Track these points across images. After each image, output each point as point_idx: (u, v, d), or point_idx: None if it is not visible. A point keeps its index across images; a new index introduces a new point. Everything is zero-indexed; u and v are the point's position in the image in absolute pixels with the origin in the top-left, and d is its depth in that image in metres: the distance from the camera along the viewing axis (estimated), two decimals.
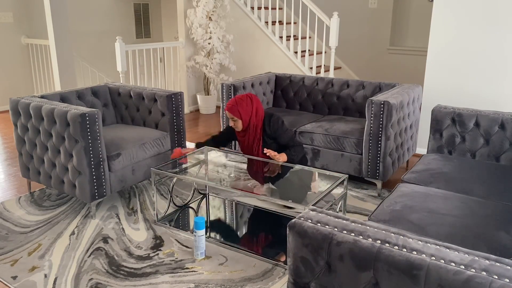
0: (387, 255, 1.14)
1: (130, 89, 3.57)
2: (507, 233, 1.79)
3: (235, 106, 2.88)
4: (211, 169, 3.01)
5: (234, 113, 2.88)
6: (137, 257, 2.47)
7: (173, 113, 3.37)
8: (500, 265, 1.06)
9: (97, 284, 2.22)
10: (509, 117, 2.64)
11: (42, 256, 2.47)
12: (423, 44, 5.69)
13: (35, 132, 2.98)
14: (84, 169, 2.76)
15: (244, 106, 2.88)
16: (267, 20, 5.49)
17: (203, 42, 5.56)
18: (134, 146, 3.09)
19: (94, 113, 2.73)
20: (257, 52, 5.58)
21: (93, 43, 6.70)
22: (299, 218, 1.33)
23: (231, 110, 2.88)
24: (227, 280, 2.25)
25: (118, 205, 3.12)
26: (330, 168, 3.37)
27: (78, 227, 2.80)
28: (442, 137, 2.82)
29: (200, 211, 3.06)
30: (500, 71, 3.57)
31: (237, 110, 2.88)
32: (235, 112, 2.88)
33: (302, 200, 2.49)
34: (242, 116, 2.88)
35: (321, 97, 4.06)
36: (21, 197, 3.25)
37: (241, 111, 2.88)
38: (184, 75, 5.83)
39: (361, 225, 1.27)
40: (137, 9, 7.33)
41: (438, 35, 3.78)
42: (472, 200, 2.10)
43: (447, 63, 3.79)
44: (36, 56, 6.09)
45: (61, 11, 5.23)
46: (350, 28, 6.10)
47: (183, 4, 5.61)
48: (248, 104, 2.90)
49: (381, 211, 2.01)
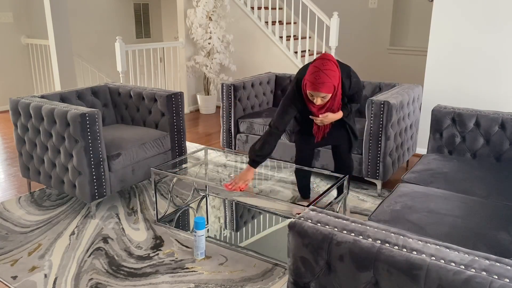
0: (387, 255, 1.14)
1: (130, 89, 3.57)
2: (507, 233, 1.79)
3: (329, 80, 2.26)
4: (211, 169, 3.00)
5: (329, 91, 2.29)
6: (137, 257, 2.47)
7: (173, 113, 3.37)
8: (500, 265, 1.06)
9: (97, 284, 2.22)
10: (509, 117, 2.64)
11: (42, 256, 2.47)
12: (423, 44, 5.69)
13: (35, 132, 2.98)
14: (84, 169, 2.76)
15: (332, 75, 2.28)
16: (267, 20, 5.49)
17: (203, 42, 5.56)
18: (134, 146, 3.09)
19: (94, 113, 2.73)
20: (257, 52, 5.58)
21: (93, 43, 6.70)
22: (299, 218, 1.33)
23: (325, 89, 2.27)
24: (227, 280, 2.25)
25: (118, 205, 3.12)
26: (330, 168, 3.37)
27: (78, 227, 2.80)
28: (442, 137, 2.82)
29: (200, 211, 3.06)
30: (500, 71, 3.57)
31: (332, 85, 2.29)
32: (330, 88, 2.29)
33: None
34: (335, 85, 2.31)
35: None
36: (21, 197, 3.25)
37: (334, 83, 2.30)
38: (184, 75, 5.83)
39: (361, 225, 1.27)
40: (137, 9, 7.33)
41: (438, 35, 3.77)
42: (472, 200, 2.10)
43: (447, 63, 3.79)
44: (36, 56, 6.09)
45: (61, 11, 5.22)
46: (350, 28, 6.10)
47: (183, 4, 5.61)
48: (335, 70, 2.30)
49: (381, 211, 2.01)
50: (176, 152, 3.45)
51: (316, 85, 2.26)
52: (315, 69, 2.27)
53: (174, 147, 3.43)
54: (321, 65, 2.26)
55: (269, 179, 3.26)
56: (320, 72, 2.25)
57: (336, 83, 2.30)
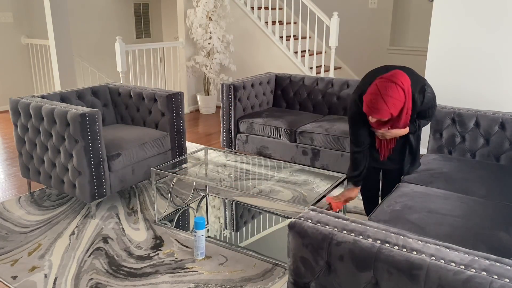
0: (387, 255, 1.14)
1: (130, 89, 3.57)
2: (507, 233, 1.79)
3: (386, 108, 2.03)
4: (211, 169, 3.00)
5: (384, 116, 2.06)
6: (137, 257, 2.47)
7: (173, 113, 3.37)
8: (500, 265, 1.06)
9: (97, 284, 2.22)
10: (509, 117, 2.64)
11: (42, 256, 2.47)
12: (423, 44, 5.69)
13: (35, 132, 2.98)
14: (84, 169, 2.76)
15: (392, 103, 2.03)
16: (267, 20, 5.49)
17: (203, 42, 5.56)
18: (134, 146, 3.09)
19: (94, 113, 2.73)
20: (257, 52, 5.58)
21: (93, 43, 6.71)
22: (299, 218, 1.33)
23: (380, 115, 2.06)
24: (227, 280, 2.25)
25: (118, 205, 3.12)
26: (330, 168, 3.37)
27: (78, 227, 2.80)
28: (442, 137, 2.82)
29: (200, 211, 3.06)
30: (500, 71, 3.57)
31: (389, 113, 2.05)
32: (385, 115, 2.06)
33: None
34: (393, 114, 2.07)
35: (321, 97, 4.06)
36: (21, 197, 3.25)
37: (393, 111, 2.06)
38: (184, 75, 5.83)
39: (361, 225, 1.27)
40: (137, 9, 7.33)
41: (438, 35, 3.78)
42: (472, 200, 2.10)
43: (447, 63, 3.79)
44: (36, 56, 6.09)
45: (61, 11, 5.22)
46: (350, 28, 6.11)
47: (183, 4, 5.61)
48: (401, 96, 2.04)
49: (381, 211, 2.01)
50: (176, 152, 3.45)
51: (370, 109, 2.05)
52: (375, 90, 2.04)
53: (174, 147, 3.43)
54: (383, 89, 2.02)
55: (269, 179, 3.27)
56: (378, 97, 2.02)
57: (396, 111, 2.06)
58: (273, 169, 3.14)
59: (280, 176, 3.24)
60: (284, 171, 3.17)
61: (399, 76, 2.05)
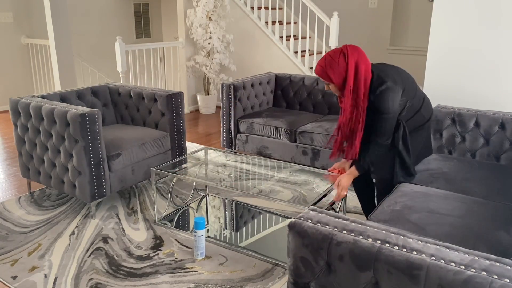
0: (387, 255, 1.14)
1: (130, 89, 3.57)
2: (507, 233, 1.79)
3: (323, 67, 2.15)
4: (211, 169, 3.00)
5: (323, 76, 2.18)
6: (137, 257, 2.47)
7: (173, 113, 3.37)
8: (500, 265, 1.06)
9: (97, 284, 2.22)
10: (509, 117, 2.64)
11: (42, 256, 2.47)
12: (423, 44, 5.69)
13: (35, 132, 2.98)
14: (84, 169, 2.76)
15: (335, 64, 2.12)
16: (267, 20, 5.49)
17: (203, 42, 5.56)
18: (134, 146, 3.09)
19: (94, 113, 2.73)
20: (257, 52, 5.58)
21: (93, 43, 6.71)
22: (299, 218, 1.33)
23: (319, 72, 2.18)
24: (227, 280, 2.25)
25: (118, 205, 3.12)
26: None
27: (78, 227, 2.80)
28: (442, 137, 2.82)
29: (200, 211, 3.06)
30: (500, 71, 3.57)
31: (325, 72, 2.15)
32: (323, 74, 2.16)
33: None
34: (333, 79, 2.15)
35: (321, 97, 4.06)
36: (21, 197, 3.25)
37: (330, 72, 2.14)
38: (184, 75, 5.83)
39: (361, 225, 1.27)
40: (137, 9, 7.33)
41: (438, 35, 3.77)
42: (472, 200, 2.10)
43: (447, 63, 3.78)
44: (36, 56, 6.09)
45: (61, 11, 5.23)
46: (350, 28, 6.10)
47: (183, 4, 5.61)
48: (341, 61, 2.11)
49: (381, 211, 2.01)
50: (176, 152, 3.45)
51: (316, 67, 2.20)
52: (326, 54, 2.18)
53: (174, 147, 3.43)
54: (332, 52, 2.15)
55: (269, 179, 3.26)
56: (325, 57, 2.15)
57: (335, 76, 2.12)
58: (273, 169, 3.14)
59: (280, 176, 3.23)
60: (284, 171, 3.17)
61: (351, 48, 2.12)
